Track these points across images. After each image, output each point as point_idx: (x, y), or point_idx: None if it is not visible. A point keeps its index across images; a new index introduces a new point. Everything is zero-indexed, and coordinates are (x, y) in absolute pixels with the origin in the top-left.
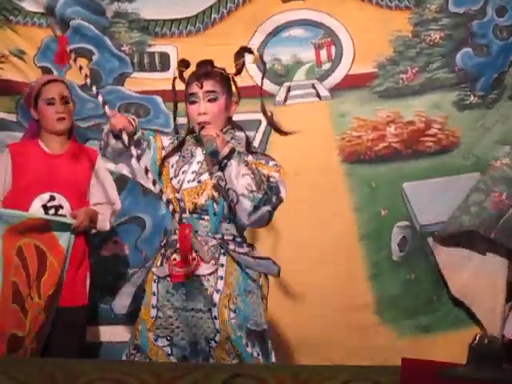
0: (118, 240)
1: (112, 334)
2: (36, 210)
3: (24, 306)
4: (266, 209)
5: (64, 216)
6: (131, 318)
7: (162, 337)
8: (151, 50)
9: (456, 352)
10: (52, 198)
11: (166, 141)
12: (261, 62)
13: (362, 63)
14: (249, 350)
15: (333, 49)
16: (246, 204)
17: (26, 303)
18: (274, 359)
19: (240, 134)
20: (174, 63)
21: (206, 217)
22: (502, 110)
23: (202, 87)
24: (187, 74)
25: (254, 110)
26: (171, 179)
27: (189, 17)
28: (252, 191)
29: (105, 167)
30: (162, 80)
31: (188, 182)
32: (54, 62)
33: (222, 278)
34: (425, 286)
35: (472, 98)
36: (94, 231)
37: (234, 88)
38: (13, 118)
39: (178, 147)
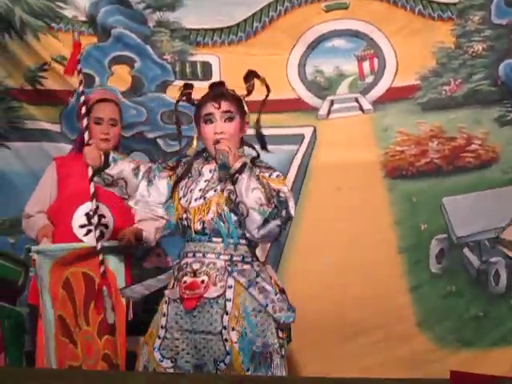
0: (160, 253)
1: None
2: (79, 217)
3: (72, 337)
4: (275, 223)
5: (106, 226)
6: None
7: (167, 358)
8: (193, 59)
9: (499, 369)
10: (95, 207)
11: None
12: (266, 87)
13: (404, 75)
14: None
15: (375, 61)
16: (256, 217)
17: (73, 334)
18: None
19: (251, 152)
20: (216, 72)
21: (214, 238)
22: None
23: (219, 107)
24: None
25: (296, 124)
26: (180, 199)
27: (230, 26)
28: (262, 205)
29: None
30: (204, 89)
31: (195, 200)
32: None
33: (230, 300)
34: (467, 299)
35: None
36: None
37: (246, 109)
38: (57, 128)
39: (187, 171)
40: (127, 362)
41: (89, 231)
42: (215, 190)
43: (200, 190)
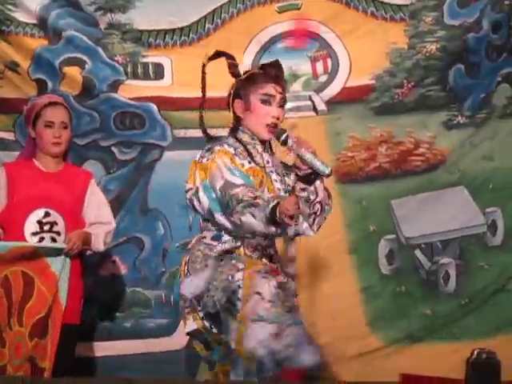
0: (116, 260)
1: (109, 348)
2: (31, 225)
3: (1, 335)
4: None
5: (58, 233)
6: (129, 333)
7: None
8: (145, 60)
9: (450, 364)
10: (47, 214)
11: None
12: None
13: (358, 75)
14: None
15: (329, 61)
16: (324, 215)
17: (3, 333)
18: None
19: None
20: (168, 73)
21: None
22: (492, 128)
23: (281, 92)
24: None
25: None
26: (273, 183)
27: (182, 27)
28: (327, 203)
29: (98, 189)
30: (156, 87)
31: (284, 191)
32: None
33: None
34: (416, 299)
35: (460, 118)
36: (89, 252)
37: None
38: (11, 136)
39: (248, 153)
40: (79, 366)
41: (41, 239)
42: (288, 186)
43: (281, 182)
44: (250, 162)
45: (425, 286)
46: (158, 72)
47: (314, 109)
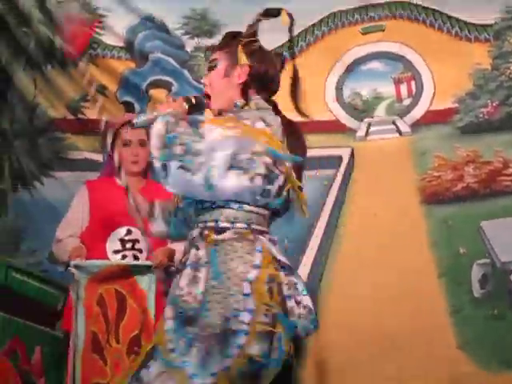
0: None
1: None
2: (113, 243)
3: (103, 353)
4: None
5: (140, 250)
6: None
7: None
8: None
9: None
10: (129, 232)
11: None
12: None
13: (441, 98)
14: None
15: (413, 84)
16: None
17: (104, 350)
18: None
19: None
20: None
21: None
22: None
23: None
24: None
25: (334, 145)
26: None
27: None
28: None
29: None
30: None
31: None
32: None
33: None
34: (510, 322)
35: None
36: (172, 269)
37: (240, 51)
38: (99, 157)
39: None
40: None
41: (124, 257)
42: None
43: None
44: None
45: None
46: None
47: (398, 131)
